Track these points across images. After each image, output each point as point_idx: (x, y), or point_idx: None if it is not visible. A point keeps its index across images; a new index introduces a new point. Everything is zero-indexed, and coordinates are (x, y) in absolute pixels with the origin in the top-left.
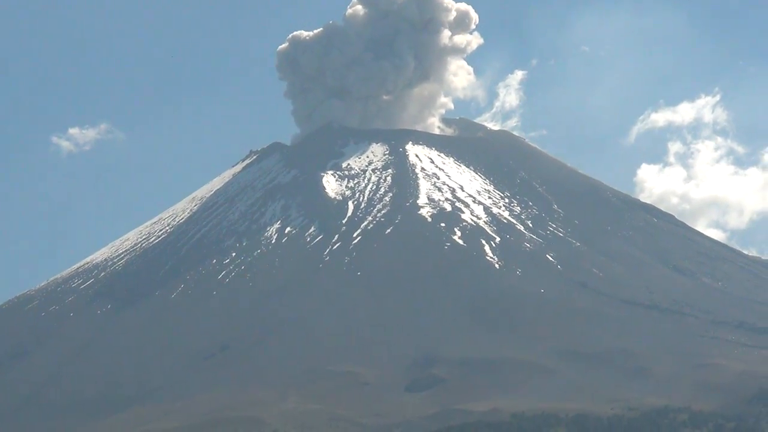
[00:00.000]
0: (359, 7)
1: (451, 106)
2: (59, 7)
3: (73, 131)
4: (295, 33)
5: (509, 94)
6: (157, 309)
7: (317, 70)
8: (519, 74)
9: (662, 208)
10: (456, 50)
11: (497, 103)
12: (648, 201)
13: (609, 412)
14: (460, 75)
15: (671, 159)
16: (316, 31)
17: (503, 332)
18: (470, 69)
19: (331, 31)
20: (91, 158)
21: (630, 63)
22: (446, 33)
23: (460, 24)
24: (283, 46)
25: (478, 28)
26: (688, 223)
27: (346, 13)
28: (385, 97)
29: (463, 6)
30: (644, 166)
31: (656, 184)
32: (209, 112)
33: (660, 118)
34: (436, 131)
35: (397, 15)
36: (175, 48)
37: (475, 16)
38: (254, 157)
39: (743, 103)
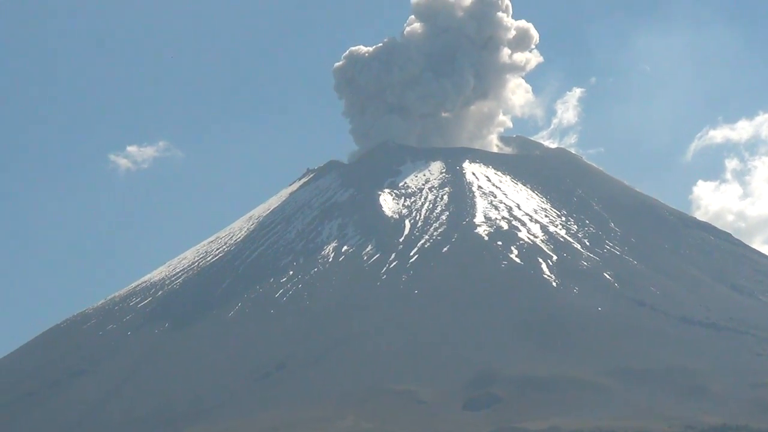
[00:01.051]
0: (418, 24)
1: (510, 124)
2: (118, 27)
3: (132, 149)
4: (352, 49)
5: (567, 112)
6: (214, 328)
7: (376, 88)
8: (577, 92)
9: (718, 225)
10: (515, 68)
11: (555, 121)
12: (704, 218)
13: (666, 431)
14: (518, 93)
15: (728, 176)
16: (373, 48)
17: (560, 350)
18: (528, 87)
19: (390, 48)
20: (149, 176)
21: (689, 81)
22: (506, 51)
23: (520, 42)
24: (340, 63)
25: (538, 45)
26: (745, 241)
27: (405, 30)
28: (443, 115)
29: (524, 24)
30: (701, 183)
31: (712, 201)
32: (266, 130)
33: (718, 134)
34: (494, 149)
35: (457, 32)
36: (232, 66)
37: (535, 35)
38: (311, 175)
39: None
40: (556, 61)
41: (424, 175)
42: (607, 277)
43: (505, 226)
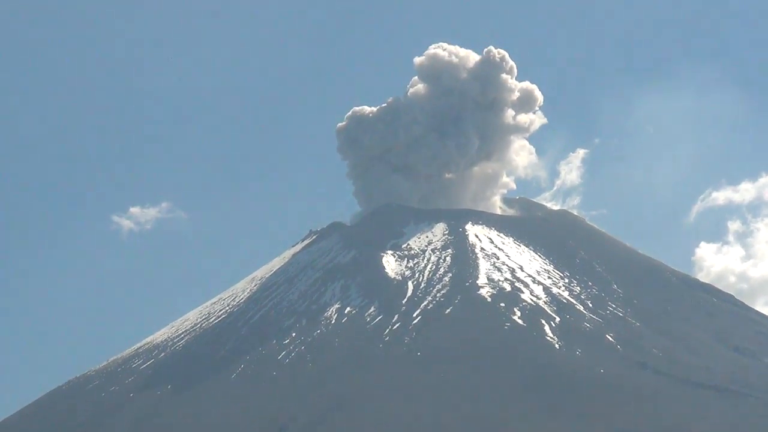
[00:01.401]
0: (421, 85)
1: (513, 186)
2: (121, 88)
3: (134, 210)
4: (355, 109)
5: (571, 173)
6: (217, 390)
7: (380, 149)
8: (581, 153)
9: (720, 287)
10: (519, 130)
11: (558, 182)
12: (706, 280)
13: None
14: (521, 154)
15: (730, 238)
16: (377, 108)
17: (564, 412)
18: (532, 149)
19: (394, 109)
20: (152, 237)
21: (692, 143)
22: (510, 112)
23: (525, 104)
24: (343, 123)
25: (542, 107)
26: (747, 303)
27: (409, 91)
28: (447, 176)
29: (529, 86)
30: (703, 244)
31: (715, 263)
32: (269, 191)
33: (720, 196)
34: (498, 211)
35: (461, 93)
36: (235, 128)
37: (539, 97)
38: (314, 237)
39: None
40: (560, 123)
41: (427, 237)
42: (610, 338)
43: (508, 288)
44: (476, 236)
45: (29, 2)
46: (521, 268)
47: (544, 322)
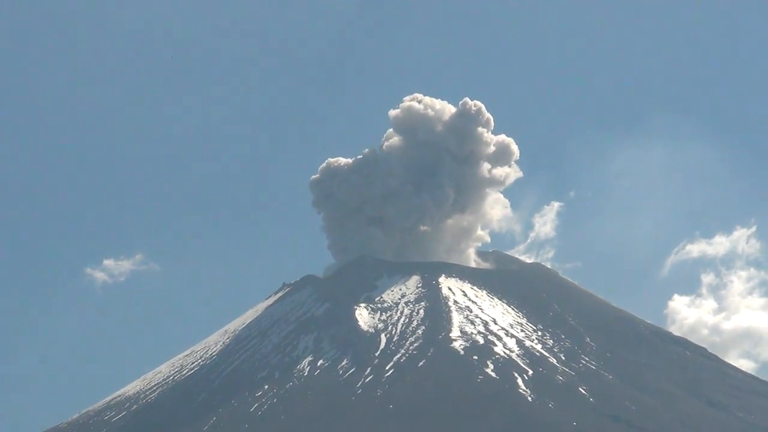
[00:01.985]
0: (396, 137)
1: (488, 239)
2: (94, 142)
3: (108, 262)
4: (329, 160)
5: (545, 225)
6: None
7: (356, 202)
8: (555, 205)
9: (693, 339)
10: (495, 183)
11: (532, 234)
12: (679, 332)
13: None
14: (496, 208)
15: (704, 290)
16: (352, 160)
17: None
18: (507, 202)
19: (370, 161)
20: (125, 289)
21: (668, 196)
22: (486, 166)
23: (501, 157)
24: (317, 176)
25: (517, 160)
26: (720, 356)
27: (384, 143)
28: (422, 228)
29: (505, 139)
30: (676, 297)
31: (688, 316)
32: (243, 244)
33: (695, 249)
34: (472, 264)
35: (437, 146)
36: (208, 180)
37: (516, 151)
38: (287, 289)
39: None
40: (535, 175)
41: (401, 290)
42: (583, 391)
43: (481, 341)
44: (449, 289)
45: None
46: (494, 321)
47: (517, 374)
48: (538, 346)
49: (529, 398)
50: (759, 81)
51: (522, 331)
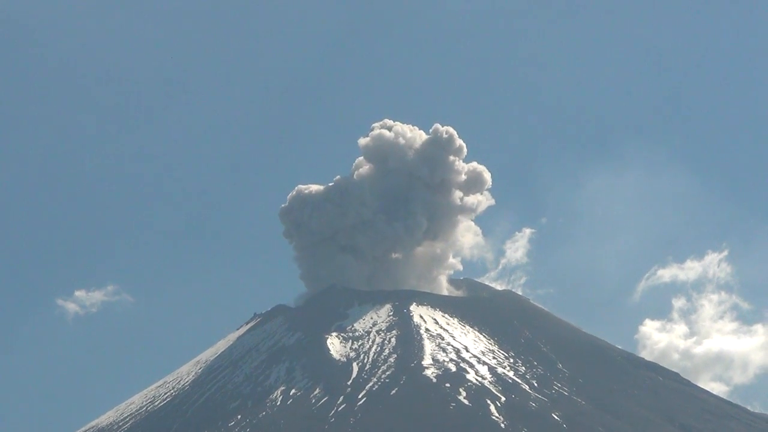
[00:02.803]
0: (367, 165)
1: (460, 267)
2: (62, 172)
3: (80, 293)
4: (299, 187)
5: (516, 251)
6: None
7: (329, 232)
8: (527, 232)
9: (664, 364)
10: (466, 210)
11: (504, 261)
12: (650, 357)
13: None
14: (467, 235)
15: (674, 315)
16: (324, 188)
17: None
18: (478, 229)
19: (342, 189)
20: (97, 320)
21: (640, 221)
22: (458, 194)
23: (473, 185)
24: (287, 205)
25: (489, 188)
26: (691, 379)
27: (355, 172)
28: (393, 256)
29: (477, 167)
30: (647, 321)
31: (659, 340)
32: (213, 275)
33: (666, 273)
34: (444, 291)
35: (408, 174)
36: (180, 211)
37: (488, 179)
38: (258, 319)
39: (750, 261)
40: (506, 202)
41: (372, 318)
42: (556, 418)
43: (453, 368)
44: (421, 317)
45: None
46: (466, 349)
47: (489, 401)
48: (511, 373)
49: (502, 425)
50: (731, 107)
51: (494, 358)
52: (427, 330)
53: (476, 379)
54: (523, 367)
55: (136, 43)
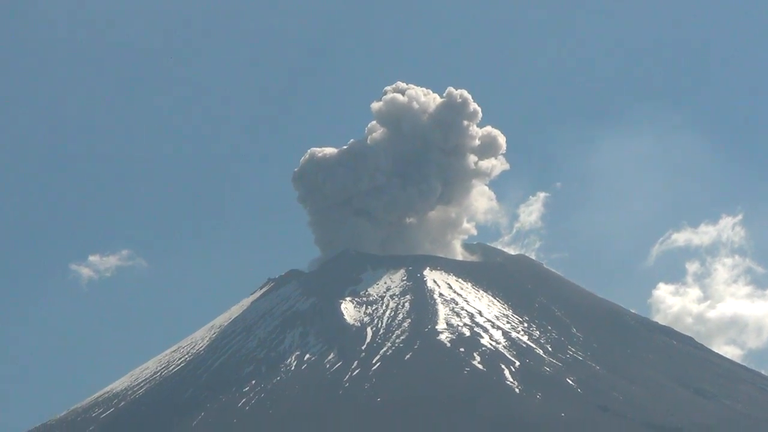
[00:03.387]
0: (382, 130)
1: (474, 231)
2: (77, 137)
3: (94, 258)
4: (313, 150)
5: (530, 215)
6: None
7: (343, 196)
8: (541, 196)
9: (677, 328)
10: (481, 174)
11: (517, 225)
12: (663, 321)
13: None
14: (480, 200)
15: (689, 279)
16: (337, 151)
17: None
18: (492, 194)
19: (356, 153)
20: (111, 285)
21: (655, 186)
22: (472, 158)
23: (488, 150)
24: (300, 169)
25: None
26: (705, 344)
27: (369, 137)
28: (408, 220)
29: (492, 131)
30: (661, 285)
31: (672, 304)
32: (228, 239)
33: (681, 237)
34: (459, 256)
35: (422, 139)
36: (195, 175)
37: (503, 143)
38: (272, 284)
39: (765, 225)
40: (520, 166)
41: (386, 283)
42: (570, 382)
43: (467, 333)
44: (435, 282)
45: None
46: (480, 313)
47: (503, 366)
48: (525, 338)
49: (516, 390)
50: (744, 70)
51: (508, 322)
52: (440, 294)
53: (490, 344)
54: (537, 332)
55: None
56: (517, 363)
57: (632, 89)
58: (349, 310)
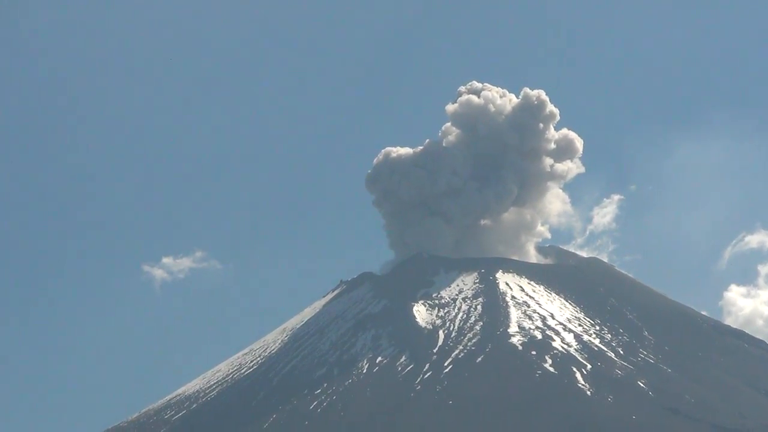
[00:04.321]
0: (457, 132)
1: (548, 235)
2: (153, 136)
3: (167, 260)
4: (387, 150)
5: (604, 218)
6: None
7: (419, 199)
8: (615, 198)
9: (748, 330)
10: (556, 177)
11: (590, 227)
12: (734, 323)
13: None
14: (555, 202)
15: (760, 281)
16: (412, 152)
17: None
18: (566, 197)
19: (433, 155)
20: (184, 287)
21: (729, 189)
22: (548, 161)
23: (564, 153)
24: (374, 171)
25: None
26: None
27: (444, 140)
28: (482, 222)
29: (570, 134)
30: (733, 287)
31: (743, 306)
32: (300, 241)
33: (754, 240)
34: (532, 259)
35: (498, 141)
36: (268, 178)
37: (580, 147)
38: (344, 287)
39: None
40: (595, 169)
41: (458, 286)
42: (642, 385)
43: (539, 336)
44: (507, 284)
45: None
46: (552, 316)
47: (575, 369)
48: (596, 341)
49: (588, 392)
50: None
51: (580, 325)
52: (513, 297)
53: (562, 347)
54: (609, 335)
55: None
56: (589, 366)
57: (708, 93)
58: (421, 312)
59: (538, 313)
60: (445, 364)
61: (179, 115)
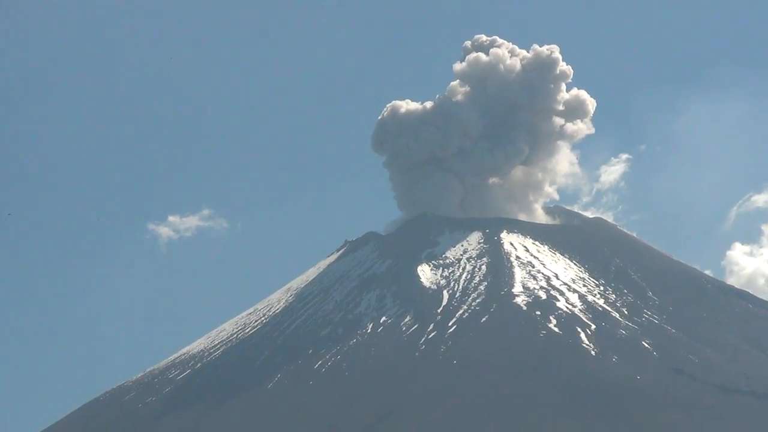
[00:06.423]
0: (465, 89)
1: (556, 196)
2: (158, 96)
3: (173, 218)
4: (395, 104)
5: (611, 175)
6: (254, 399)
7: (427, 156)
8: (624, 157)
9: (750, 289)
10: (565, 137)
11: (597, 185)
12: (736, 282)
13: None
14: (562, 162)
15: (764, 240)
16: (419, 107)
17: (600, 420)
18: (573, 157)
19: (440, 112)
20: (191, 246)
21: (738, 150)
22: (558, 120)
23: (575, 112)
24: (380, 124)
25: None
26: None
27: (454, 98)
28: (491, 181)
29: (582, 95)
30: (736, 245)
31: (746, 265)
32: (305, 201)
33: (760, 199)
34: (539, 219)
35: (509, 100)
36: (274, 137)
37: (591, 108)
38: (349, 246)
39: None
40: (605, 129)
41: (462, 246)
42: (646, 345)
43: (544, 296)
44: (511, 245)
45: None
46: (556, 276)
47: (579, 329)
48: (601, 301)
49: (592, 353)
50: None
51: (584, 286)
52: (517, 257)
53: (566, 307)
54: (614, 295)
55: None
56: (593, 326)
57: (719, 52)
58: (425, 272)
59: (543, 274)
60: (450, 324)
61: (185, 72)
